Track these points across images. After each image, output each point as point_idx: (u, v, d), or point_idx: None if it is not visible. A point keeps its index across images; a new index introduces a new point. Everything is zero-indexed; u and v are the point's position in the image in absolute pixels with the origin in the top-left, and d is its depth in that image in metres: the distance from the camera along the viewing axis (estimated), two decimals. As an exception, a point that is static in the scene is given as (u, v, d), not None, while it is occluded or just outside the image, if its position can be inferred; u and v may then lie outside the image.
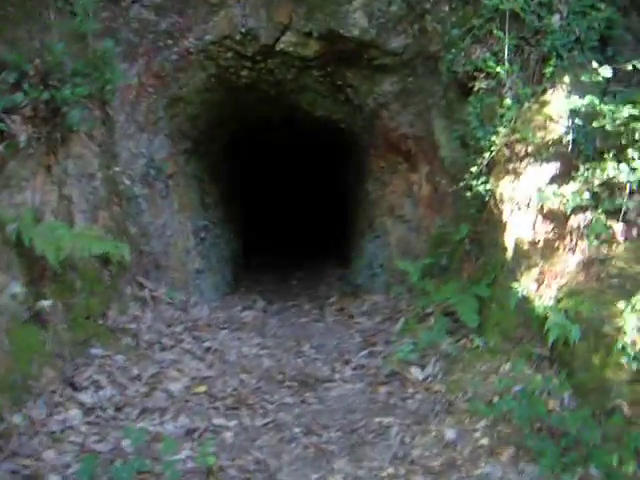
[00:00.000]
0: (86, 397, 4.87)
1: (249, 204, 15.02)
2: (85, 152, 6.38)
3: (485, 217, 6.18)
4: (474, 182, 5.87)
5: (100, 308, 6.05)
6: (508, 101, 5.64)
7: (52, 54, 5.40)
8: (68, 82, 5.56)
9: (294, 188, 18.24)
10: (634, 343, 4.11)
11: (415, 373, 5.57)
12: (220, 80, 8.38)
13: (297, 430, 4.82)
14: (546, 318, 4.85)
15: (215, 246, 11.06)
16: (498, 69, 5.74)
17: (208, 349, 6.37)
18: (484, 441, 4.38)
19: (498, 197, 5.77)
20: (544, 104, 5.53)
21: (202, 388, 5.47)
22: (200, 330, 6.82)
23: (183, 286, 8.65)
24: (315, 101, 9.12)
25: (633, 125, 4.90)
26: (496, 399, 4.72)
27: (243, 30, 7.51)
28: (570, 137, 5.27)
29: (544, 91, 5.61)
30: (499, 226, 5.81)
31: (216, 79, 8.32)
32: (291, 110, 9.75)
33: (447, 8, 6.91)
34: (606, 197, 4.97)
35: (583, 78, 5.25)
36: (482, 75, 6.12)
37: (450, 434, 4.53)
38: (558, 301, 4.94)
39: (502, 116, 5.72)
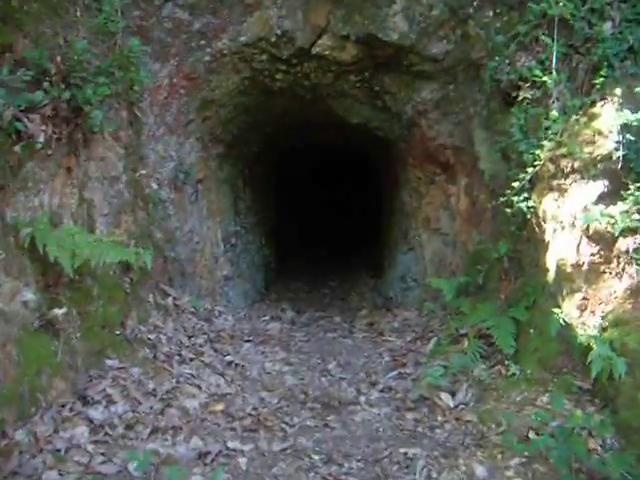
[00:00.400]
0: (96, 413, 4.61)
1: (283, 210, 14.77)
2: (109, 154, 6.15)
3: (526, 235, 5.82)
4: (515, 198, 5.50)
5: (118, 317, 5.80)
6: (555, 113, 5.28)
7: (75, 52, 5.16)
8: (91, 81, 5.31)
9: (329, 195, 17.98)
10: (687, 382, 3.75)
11: (445, 399, 5.23)
12: (254, 83, 8.13)
13: (316, 457, 4.51)
14: (589, 348, 4.51)
15: (246, 252, 10.84)
16: (545, 78, 5.37)
17: (229, 363, 6.11)
18: (517, 481, 4.05)
19: (541, 215, 5.41)
20: (593, 117, 5.16)
21: (219, 407, 5.20)
22: (223, 342, 6.56)
23: (210, 294, 8.43)
24: (352, 107, 8.84)
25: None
26: (532, 434, 4.38)
27: (279, 32, 7.24)
28: (620, 153, 4.91)
29: (593, 103, 5.24)
30: (540, 246, 5.46)
31: (250, 82, 8.07)
32: (327, 116, 9.47)
33: (491, 13, 6.57)
34: (658, 219, 4.60)
35: (636, 90, 4.89)
36: (527, 85, 5.77)
37: (480, 471, 4.19)
38: (603, 330, 4.59)
39: (547, 129, 5.37)
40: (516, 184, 5.49)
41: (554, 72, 5.39)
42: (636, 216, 4.60)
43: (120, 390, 5.00)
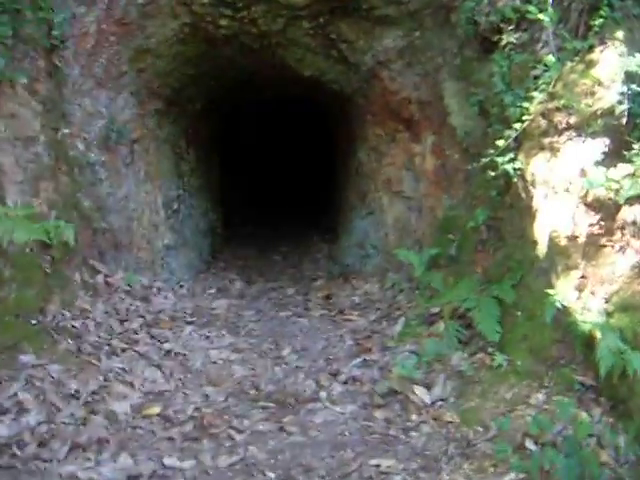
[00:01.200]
0: (2, 428, 3.78)
1: (230, 171, 13.84)
2: (22, 110, 5.23)
3: (508, 201, 5.07)
4: (500, 159, 4.71)
5: (36, 302, 4.93)
6: (551, 58, 4.47)
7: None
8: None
9: (279, 153, 17.07)
10: None
11: (420, 395, 4.49)
12: (195, 30, 7.19)
13: (272, 475, 3.74)
14: (592, 338, 3.81)
15: (190, 218, 9.95)
16: (541, 16, 4.51)
17: (168, 352, 5.29)
18: (515, 504, 3.36)
19: (528, 178, 4.66)
20: (591, 64, 4.38)
21: (155, 409, 4.39)
22: (161, 326, 5.74)
23: (149, 267, 7.57)
24: (304, 58, 7.95)
25: None
26: (528, 443, 3.67)
27: (222, -30, 6.33)
28: (624, 107, 4.19)
29: (591, 48, 4.45)
30: (527, 213, 4.72)
31: (190, 29, 7.13)
32: (277, 68, 8.58)
33: (465, -55, 5.74)
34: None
35: (642, 33, 4.16)
36: (510, 27, 4.98)
37: (470, 490, 3.49)
38: (608, 315, 3.89)
39: (537, 78, 4.61)
40: (501, 142, 4.69)
41: (549, 9, 4.55)
42: (644, 181, 3.89)
43: (35, 394, 4.17)
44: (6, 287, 4.65)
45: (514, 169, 4.69)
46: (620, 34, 4.38)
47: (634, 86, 4.15)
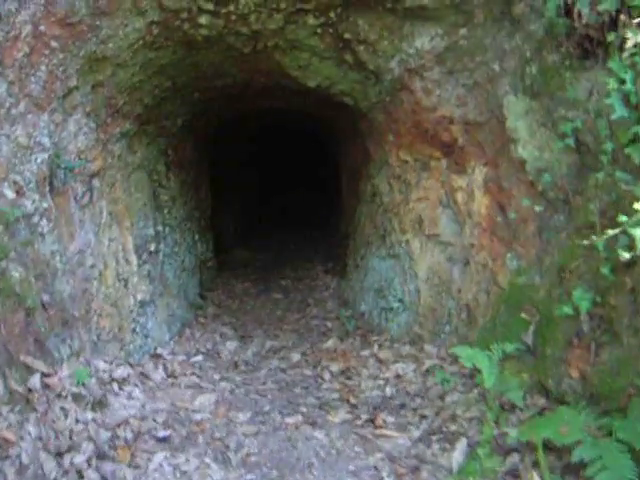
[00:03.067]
0: None
1: (221, 195, 12.11)
2: None
3: (629, 284, 3.36)
4: (637, 231, 2.99)
5: None
6: None
7: None
8: None
9: (277, 175, 15.37)
10: None
11: None
12: (168, 31, 5.51)
13: None
14: None
15: (172, 257, 8.27)
16: None
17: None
18: None
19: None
20: None
21: None
22: (118, 455, 4.01)
23: (114, 338, 5.89)
24: (309, 64, 6.25)
25: None
26: None
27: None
28: None
29: None
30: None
31: (161, 29, 5.44)
32: (274, 76, 6.89)
33: None
34: None
35: None
36: (637, 20, 3.27)
37: None
38: None
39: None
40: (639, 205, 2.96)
41: None
42: None
43: None
44: None
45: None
46: None
47: None
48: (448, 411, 4.38)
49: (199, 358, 6.55)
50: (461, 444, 3.92)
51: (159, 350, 6.53)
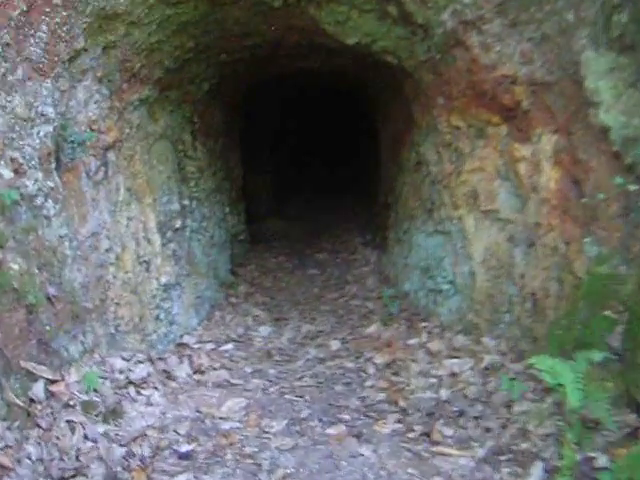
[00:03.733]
0: None
1: (254, 163, 11.48)
2: None
3: None
4: None
5: None
6: None
7: None
8: None
9: (310, 135, 14.67)
10: None
11: None
12: (188, -17, 4.85)
13: None
14: None
15: (201, 232, 7.67)
16: None
17: None
18: None
19: None
20: None
21: None
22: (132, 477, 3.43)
23: (134, 328, 5.32)
24: (347, 19, 5.54)
25: None
26: None
27: None
28: None
29: None
30: None
31: (180, -19, 4.79)
32: (308, 34, 6.19)
33: None
34: None
35: None
36: None
37: None
38: None
39: None
40: None
41: None
42: None
43: None
44: None
45: None
46: None
47: None
48: (517, 424, 3.72)
49: (229, 346, 5.98)
50: (536, 469, 3.26)
51: (185, 338, 5.97)
